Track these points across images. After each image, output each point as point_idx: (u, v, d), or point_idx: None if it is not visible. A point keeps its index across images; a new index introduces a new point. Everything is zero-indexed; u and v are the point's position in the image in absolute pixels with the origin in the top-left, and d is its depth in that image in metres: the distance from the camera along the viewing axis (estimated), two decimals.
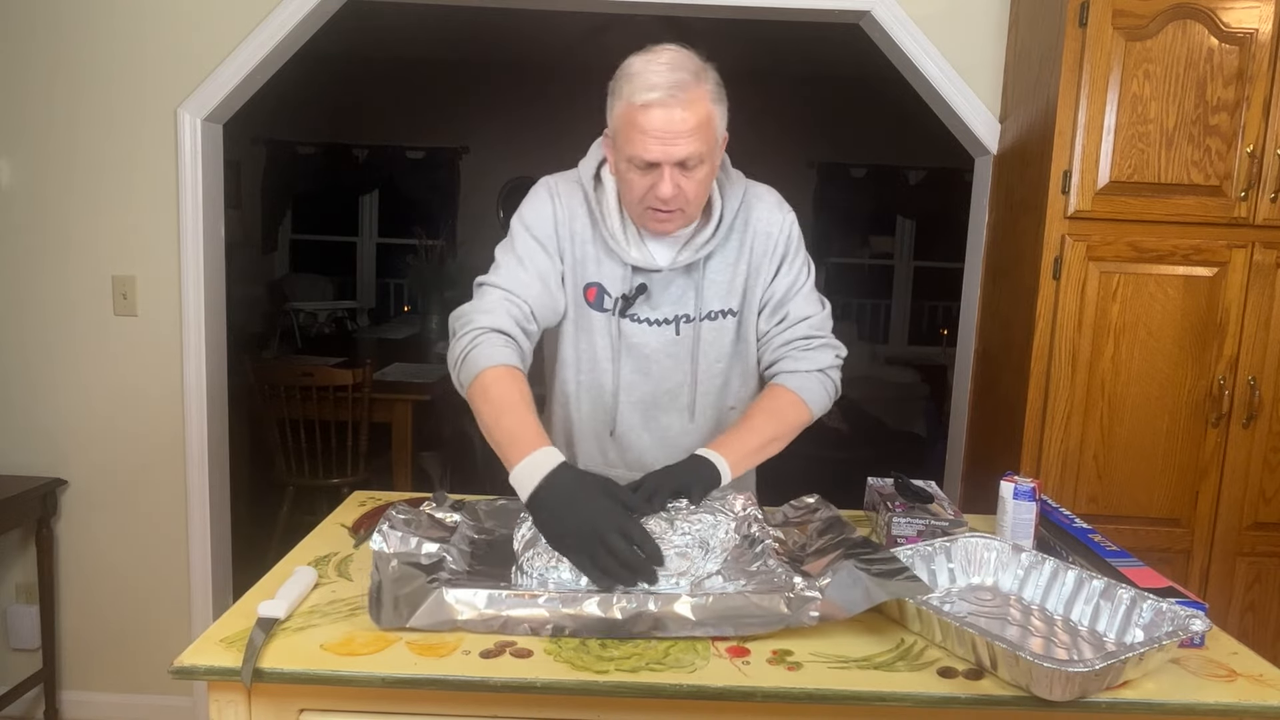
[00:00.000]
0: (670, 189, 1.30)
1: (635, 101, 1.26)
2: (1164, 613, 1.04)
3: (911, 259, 6.73)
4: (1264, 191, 1.98)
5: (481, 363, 1.30)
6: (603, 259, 1.44)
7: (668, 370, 1.49)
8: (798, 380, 1.45)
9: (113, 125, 2.38)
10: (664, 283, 1.45)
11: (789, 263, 1.49)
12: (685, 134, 1.26)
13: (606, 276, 1.45)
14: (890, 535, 1.36)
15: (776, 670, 0.97)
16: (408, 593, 1.04)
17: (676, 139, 1.26)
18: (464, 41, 5.37)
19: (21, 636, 2.57)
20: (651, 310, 1.46)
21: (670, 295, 1.46)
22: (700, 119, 1.28)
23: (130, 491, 2.51)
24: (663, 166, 1.29)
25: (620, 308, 1.44)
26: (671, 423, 1.51)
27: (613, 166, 1.39)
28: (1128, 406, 2.05)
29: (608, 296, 1.45)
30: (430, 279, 5.32)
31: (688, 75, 1.27)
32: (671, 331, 1.46)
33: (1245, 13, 1.94)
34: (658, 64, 1.28)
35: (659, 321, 1.46)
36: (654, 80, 1.26)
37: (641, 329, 1.46)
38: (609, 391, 1.49)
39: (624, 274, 1.44)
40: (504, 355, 1.32)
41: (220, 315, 2.55)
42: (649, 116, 1.26)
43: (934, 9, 2.35)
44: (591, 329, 1.47)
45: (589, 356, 1.49)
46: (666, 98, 1.25)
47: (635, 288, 1.44)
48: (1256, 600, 2.12)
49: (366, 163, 6.28)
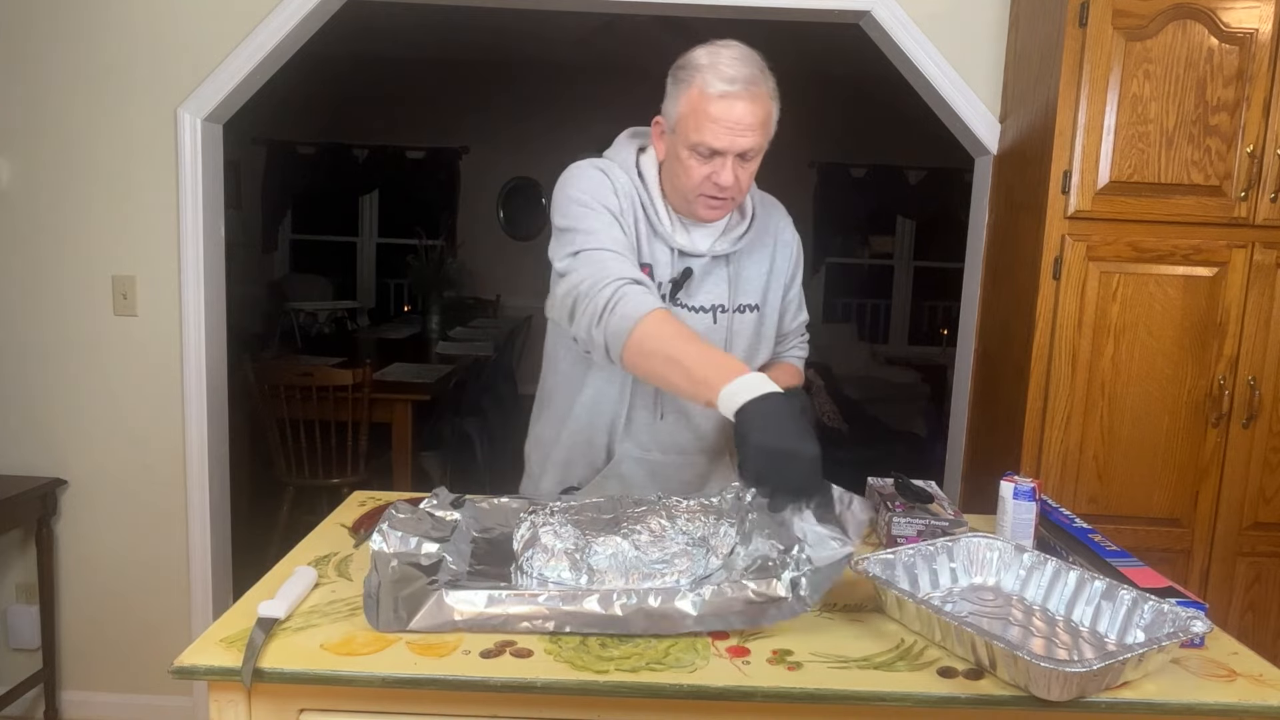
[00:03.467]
0: (730, 178, 1.36)
1: (710, 91, 1.32)
2: (1165, 614, 1.04)
3: (911, 259, 6.73)
4: (1264, 191, 1.98)
5: (635, 311, 1.24)
6: (652, 240, 1.47)
7: None
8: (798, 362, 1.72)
9: (113, 125, 2.38)
10: (704, 271, 1.49)
11: (800, 272, 1.65)
12: (752, 127, 1.34)
13: (656, 259, 1.47)
14: (890, 535, 1.36)
15: (776, 670, 0.97)
16: (407, 595, 1.04)
17: (745, 131, 1.33)
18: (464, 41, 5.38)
19: (21, 636, 2.57)
20: (689, 297, 1.49)
21: (708, 284, 1.50)
22: (765, 114, 1.35)
23: (130, 491, 2.51)
24: (726, 155, 1.35)
25: (670, 291, 1.47)
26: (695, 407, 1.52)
27: (662, 152, 1.44)
28: (1128, 406, 2.05)
29: (655, 280, 1.47)
30: (430, 279, 5.32)
31: (756, 70, 1.34)
32: (710, 319, 1.50)
33: (1245, 13, 1.94)
34: (729, 57, 1.33)
35: (699, 309, 1.50)
36: (730, 72, 1.32)
37: (687, 314, 1.49)
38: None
39: (670, 258, 1.47)
40: (654, 300, 1.28)
41: (220, 315, 2.55)
42: (722, 107, 1.31)
43: (934, 9, 2.35)
44: None
45: None
46: (742, 90, 1.31)
47: (682, 271, 1.47)
48: (1256, 600, 2.12)
49: (366, 163, 6.29)
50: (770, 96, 1.36)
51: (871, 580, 1.11)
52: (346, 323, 5.93)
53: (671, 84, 1.39)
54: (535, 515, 1.21)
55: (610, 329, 1.26)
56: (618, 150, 1.51)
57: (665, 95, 1.40)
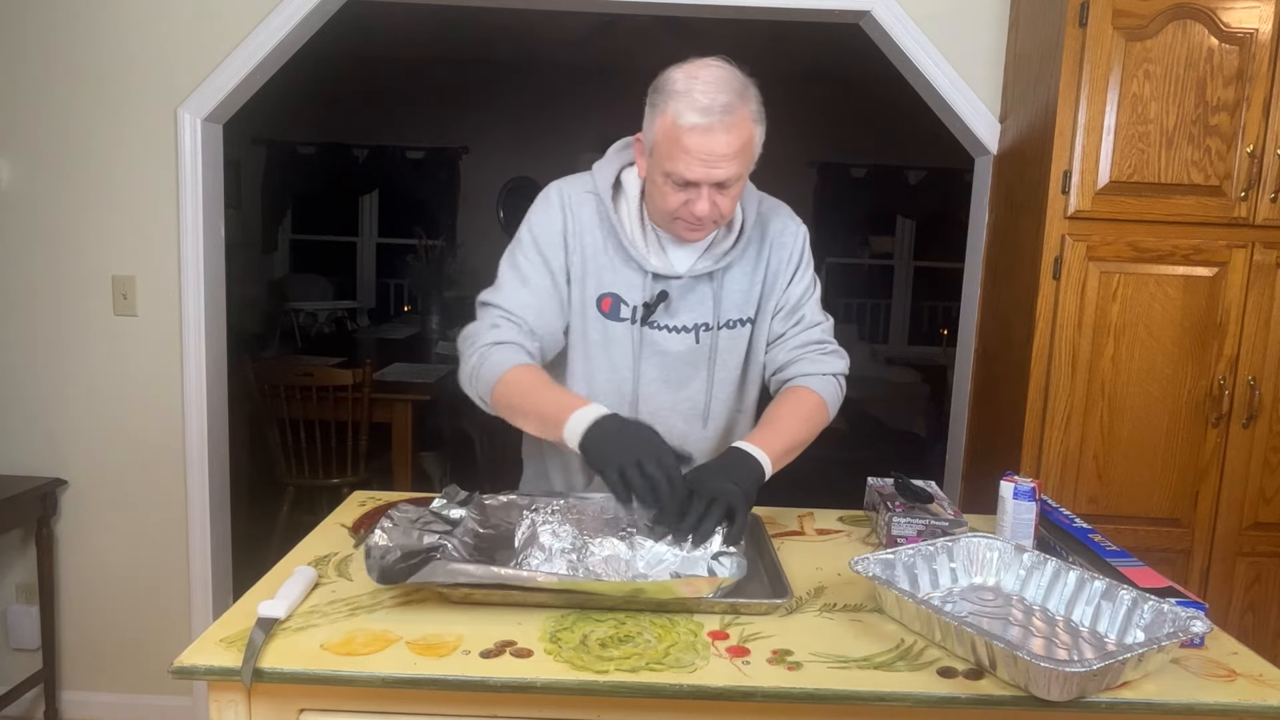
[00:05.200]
0: (706, 208, 1.31)
1: (683, 123, 1.25)
2: (1164, 614, 1.04)
3: (911, 259, 6.72)
4: (1264, 191, 1.98)
5: (496, 371, 1.34)
6: (619, 267, 1.43)
7: (686, 378, 1.48)
8: (819, 383, 1.46)
9: (113, 125, 2.38)
10: (684, 290, 1.45)
11: (803, 270, 1.52)
12: (728, 157, 1.27)
13: (623, 285, 1.44)
14: (890, 535, 1.36)
15: (776, 670, 0.97)
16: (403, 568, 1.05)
17: (720, 162, 1.27)
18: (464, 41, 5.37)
19: (21, 636, 2.57)
20: (670, 318, 1.45)
21: (689, 303, 1.45)
22: (743, 141, 1.28)
23: (130, 491, 2.51)
24: (701, 186, 1.29)
25: (642, 316, 1.44)
26: (687, 430, 1.50)
27: (643, 170, 1.39)
28: (1128, 406, 2.05)
29: (625, 305, 1.44)
30: (430, 279, 5.32)
31: (734, 97, 1.26)
32: (691, 339, 1.46)
33: (1245, 13, 1.93)
34: (704, 83, 1.26)
35: (679, 329, 1.46)
36: (702, 102, 1.24)
37: (663, 336, 1.45)
38: (628, 401, 1.47)
39: (643, 281, 1.43)
40: (516, 357, 1.36)
41: (220, 315, 2.55)
42: (694, 139, 1.25)
43: (934, 9, 2.35)
44: (609, 340, 1.46)
45: (605, 368, 1.47)
46: (717, 121, 1.24)
47: (656, 295, 1.43)
48: (1256, 600, 2.12)
49: (366, 163, 6.28)
50: (753, 120, 1.29)
51: (871, 580, 1.11)
52: (346, 323, 5.93)
53: (649, 106, 1.32)
54: (536, 513, 1.23)
55: (479, 388, 1.38)
56: (602, 166, 1.46)
57: (645, 114, 1.34)
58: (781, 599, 1.11)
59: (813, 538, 1.44)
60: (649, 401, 1.48)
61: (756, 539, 1.34)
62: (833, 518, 1.54)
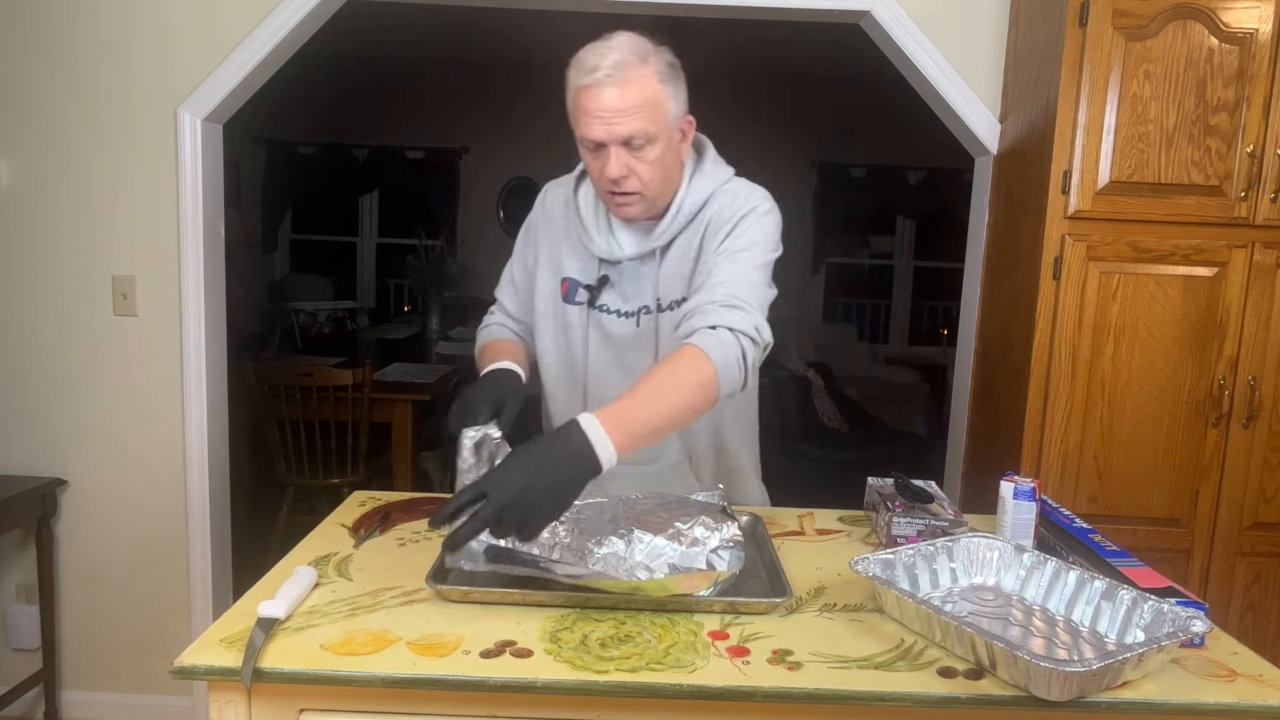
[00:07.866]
0: (618, 169, 1.33)
1: (575, 85, 1.32)
2: (1164, 614, 1.04)
3: (911, 259, 6.72)
4: (1264, 191, 1.98)
5: (479, 343, 1.60)
6: (577, 253, 1.50)
7: (634, 361, 1.49)
8: (704, 338, 1.24)
9: (113, 125, 2.38)
10: (628, 274, 1.47)
11: (734, 236, 1.37)
12: (626, 112, 1.29)
13: (578, 270, 1.50)
14: (890, 535, 1.36)
15: (776, 670, 0.97)
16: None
17: (617, 117, 1.30)
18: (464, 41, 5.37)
19: (21, 636, 2.57)
20: (622, 302, 1.48)
21: (633, 287, 1.47)
22: (643, 98, 1.30)
23: (130, 491, 2.51)
24: (609, 146, 1.32)
25: (589, 299, 1.49)
26: None
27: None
28: (1128, 406, 2.05)
29: (580, 289, 1.49)
30: (430, 279, 5.32)
31: (629, 55, 1.31)
32: (633, 324, 1.48)
33: (1245, 13, 1.93)
34: (595, 47, 1.33)
35: (625, 313, 1.48)
36: (593, 62, 1.30)
37: (610, 319, 1.49)
38: (580, 384, 1.52)
39: (593, 266, 1.48)
40: (495, 333, 1.61)
41: (220, 315, 2.55)
42: (589, 96, 1.30)
43: (934, 9, 2.35)
44: (567, 323, 1.51)
45: (564, 349, 1.53)
46: (604, 78, 1.29)
47: (598, 279, 1.48)
48: (1256, 600, 2.12)
49: (366, 163, 6.29)
50: (658, 79, 1.31)
51: (871, 580, 1.11)
52: (346, 323, 5.92)
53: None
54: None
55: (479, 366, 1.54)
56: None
57: None
58: (781, 598, 1.11)
59: (813, 538, 1.44)
60: (599, 383, 1.50)
61: (757, 539, 1.34)
62: (833, 518, 1.54)
